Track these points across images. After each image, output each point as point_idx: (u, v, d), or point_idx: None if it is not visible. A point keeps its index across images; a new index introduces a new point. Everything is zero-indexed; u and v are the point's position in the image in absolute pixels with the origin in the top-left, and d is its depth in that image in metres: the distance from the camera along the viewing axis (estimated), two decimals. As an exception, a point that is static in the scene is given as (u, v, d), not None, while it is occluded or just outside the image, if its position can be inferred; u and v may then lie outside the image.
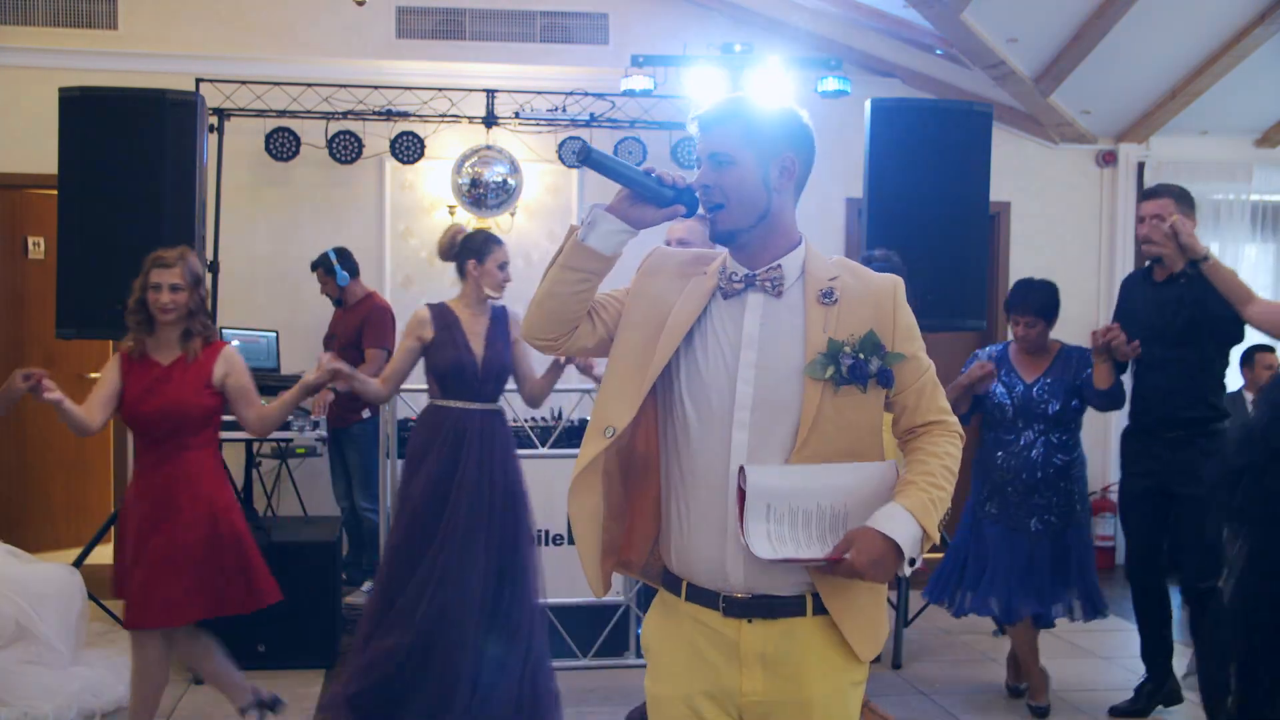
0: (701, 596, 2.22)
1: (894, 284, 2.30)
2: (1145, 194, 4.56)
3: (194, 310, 4.18)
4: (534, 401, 4.82)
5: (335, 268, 6.66)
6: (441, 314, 4.63)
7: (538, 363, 4.66)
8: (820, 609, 2.19)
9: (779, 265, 2.25)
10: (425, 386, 4.71)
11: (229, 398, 4.24)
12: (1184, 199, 4.74)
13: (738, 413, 2.18)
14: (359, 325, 6.57)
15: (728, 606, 2.19)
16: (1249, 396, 7.04)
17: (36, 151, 6.06)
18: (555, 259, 2.26)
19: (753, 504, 2.11)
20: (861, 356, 2.16)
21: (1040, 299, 5.08)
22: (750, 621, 2.18)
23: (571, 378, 4.88)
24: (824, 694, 2.22)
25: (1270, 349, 7.04)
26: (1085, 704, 5.29)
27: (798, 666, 2.20)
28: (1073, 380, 4.98)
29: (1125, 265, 8.32)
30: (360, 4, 4.23)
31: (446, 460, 4.48)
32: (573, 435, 5.66)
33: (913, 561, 2.11)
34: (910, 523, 2.10)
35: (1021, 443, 4.99)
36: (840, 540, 2.11)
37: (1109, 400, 4.88)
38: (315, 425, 6.36)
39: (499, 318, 4.70)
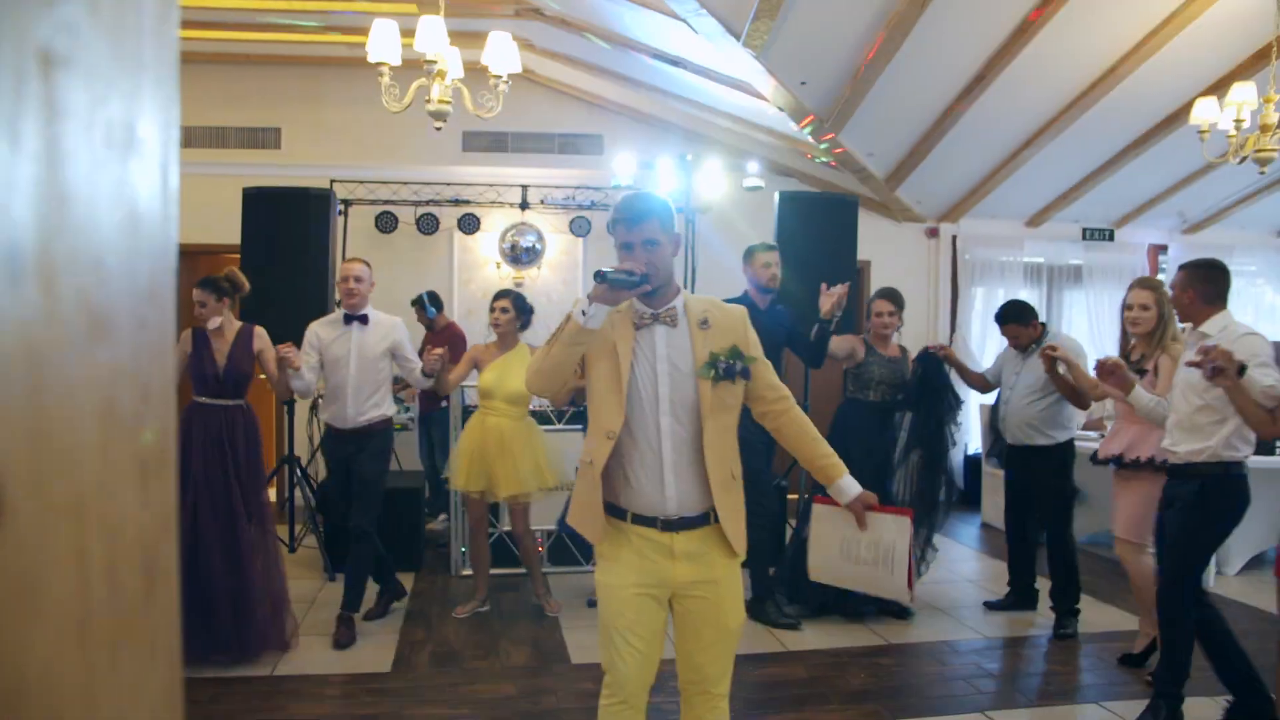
0: (644, 520, 2.27)
1: (742, 312, 2.38)
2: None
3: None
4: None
5: (426, 305, 6.73)
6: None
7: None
8: (716, 521, 2.28)
9: (674, 306, 2.31)
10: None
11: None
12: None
13: (662, 404, 2.26)
14: (445, 344, 6.58)
15: (664, 525, 2.26)
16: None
17: (225, 228, 6.12)
18: (556, 340, 2.22)
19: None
20: (730, 361, 2.27)
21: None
22: (678, 533, 2.27)
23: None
24: (724, 573, 2.31)
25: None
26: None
27: (708, 557, 2.28)
28: None
29: (944, 303, 8.47)
30: (439, 129, 4.31)
31: None
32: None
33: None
34: (854, 482, 2.47)
35: None
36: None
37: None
38: (407, 410, 6.46)
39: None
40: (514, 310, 4.62)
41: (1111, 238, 8.61)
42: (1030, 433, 4.67)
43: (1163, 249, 8.83)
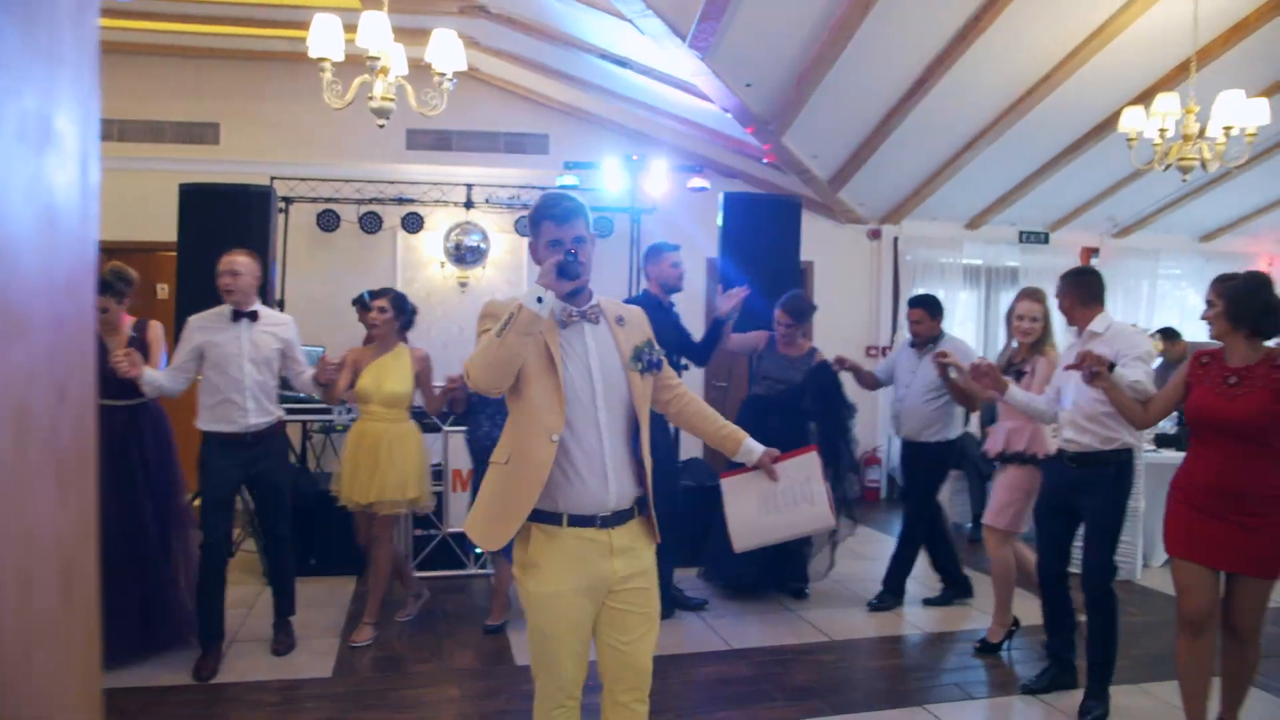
0: (581, 521, 2.25)
1: (642, 310, 2.49)
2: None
3: None
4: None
5: (367, 304, 6.62)
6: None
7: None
8: (641, 514, 2.35)
9: (597, 304, 2.35)
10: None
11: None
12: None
13: (599, 399, 2.28)
14: None
15: (603, 522, 2.27)
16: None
17: (162, 226, 5.95)
18: (507, 332, 2.12)
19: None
20: (650, 355, 2.36)
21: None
22: (614, 528, 2.28)
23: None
24: (650, 561, 2.37)
25: None
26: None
27: (637, 549, 2.33)
28: None
29: (886, 303, 8.60)
30: (381, 127, 4.26)
31: None
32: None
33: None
34: (755, 443, 2.59)
35: None
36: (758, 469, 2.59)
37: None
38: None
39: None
40: (393, 310, 4.43)
41: (1047, 240, 8.83)
42: (924, 430, 4.86)
43: (1094, 251, 9.07)
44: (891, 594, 5.05)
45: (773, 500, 2.56)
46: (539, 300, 2.12)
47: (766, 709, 3.66)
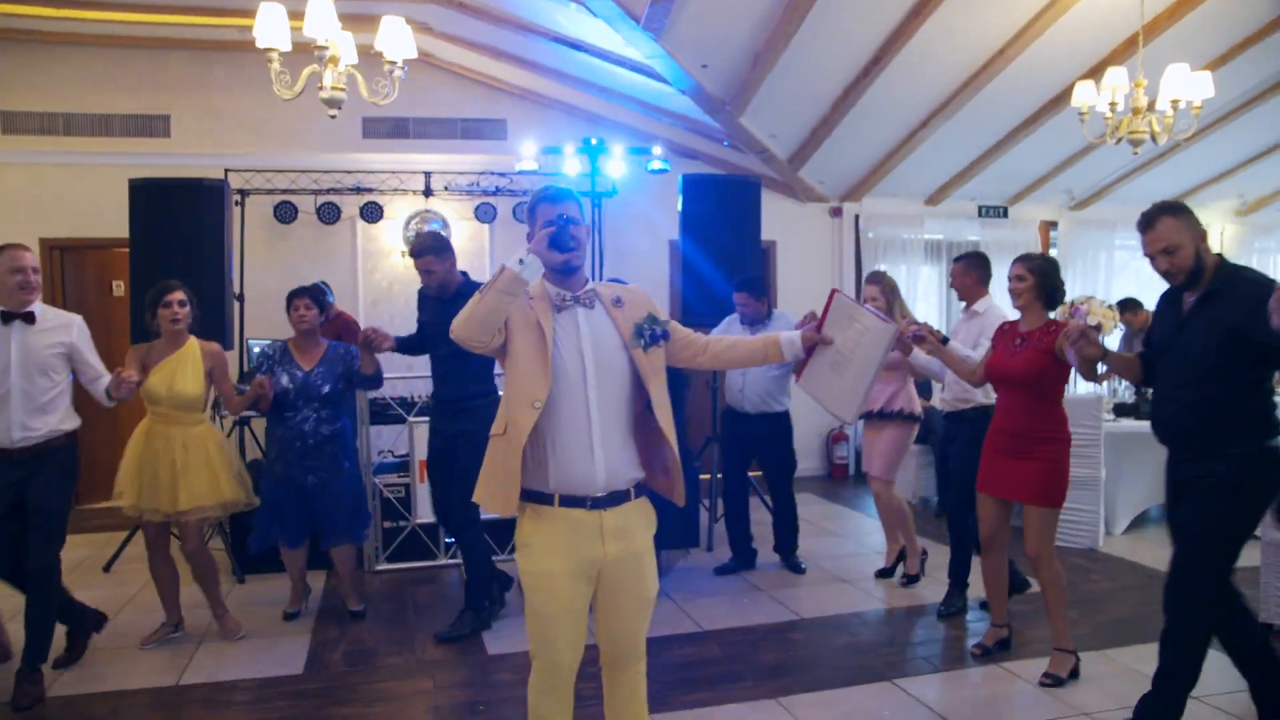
0: (572, 501, 2.31)
1: (641, 288, 2.54)
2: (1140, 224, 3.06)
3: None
4: None
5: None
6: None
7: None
8: (637, 495, 2.41)
9: (592, 289, 2.44)
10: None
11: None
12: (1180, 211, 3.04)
13: (589, 380, 2.33)
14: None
15: (593, 503, 2.32)
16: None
17: (115, 222, 5.81)
18: (489, 290, 2.19)
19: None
20: (652, 328, 2.41)
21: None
22: (606, 510, 2.33)
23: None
24: (644, 545, 2.43)
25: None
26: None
27: (631, 531, 2.39)
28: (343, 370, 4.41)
29: (849, 281, 8.65)
30: (333, 117, 4.20)
31: None
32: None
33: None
34: (792, 335, 2.64)
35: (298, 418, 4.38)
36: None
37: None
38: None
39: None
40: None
41: (1006, 214, 8.92)
42: (770, 401, 5.11)
43: (1053, 225, 9.19)
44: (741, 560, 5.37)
45: (840, 357, 2.60)
46: (521, 262, 2.19)
47: (738, 688, 3.70)
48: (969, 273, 4.41)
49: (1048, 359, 3.54)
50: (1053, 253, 9.24)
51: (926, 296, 8.76)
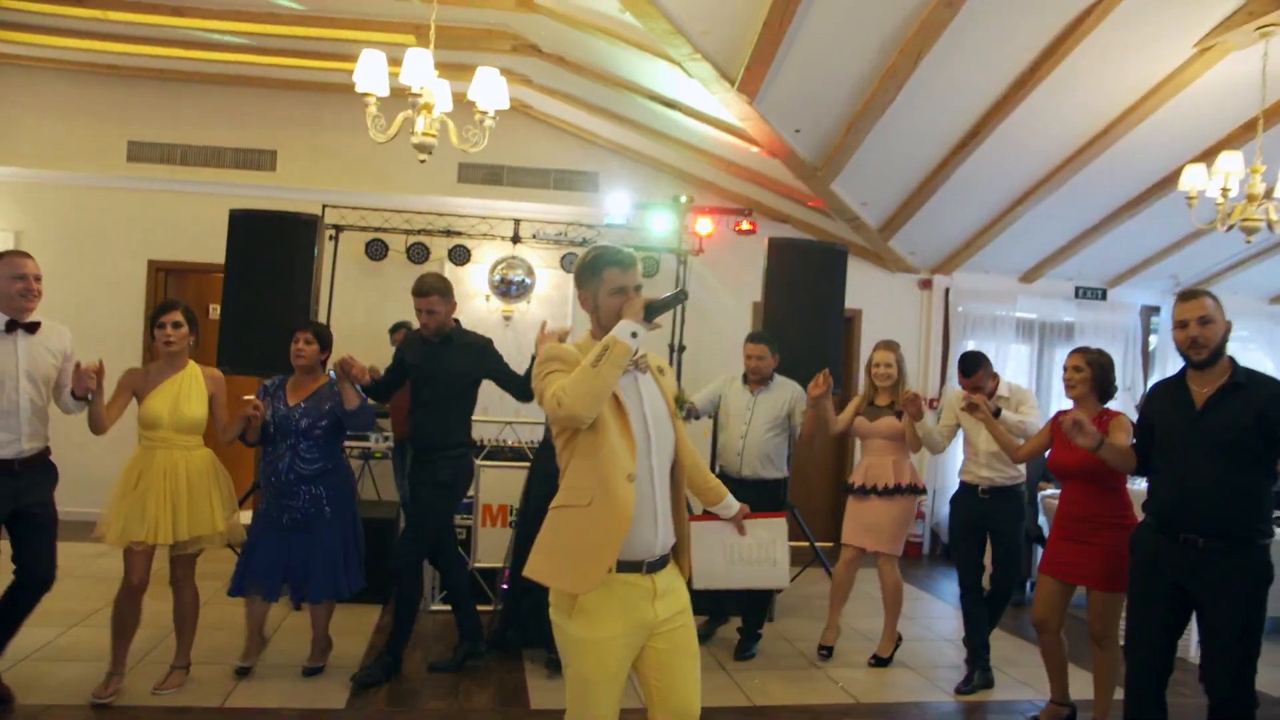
0: (629, 567, 2.30)
1: (667, 363, 2.64)
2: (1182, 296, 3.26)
3: None
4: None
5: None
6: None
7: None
8: (674, 555, 2.46)
9: (645, 356, 2.46)
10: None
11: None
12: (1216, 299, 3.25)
13: (653, 446, 2.38)
14: None
15: (648, 567, 2.33)
16: None
17: (215, 248, 6.01)
18: (604, 363, 2.18)
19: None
20: (686, 403, 2.47)
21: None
22: (657, 573, 2.36)
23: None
24: (686, 600, 2.45)
25: None
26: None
27: (676, 590, 2.42)
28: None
29: (935, 354, 8.44)
30: (423, 162, 4.29)
31: None
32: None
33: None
34: (734, 499, 2.80)
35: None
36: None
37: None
38: (386, 439, 6.38)
39: None
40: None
41: (1104, 297, 8.60)
42: (767, 465, 4.90)
43: (1155, 310, 8.83)
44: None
45: (739, 552, 2.77)
46: (633, 335, 2.23)
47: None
48: (990, 377, 4.69)
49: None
50: (1153, 339, 8.86)
51: (1016, 375, 8.46)
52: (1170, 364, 8.85)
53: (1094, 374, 3.84)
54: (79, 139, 7.52)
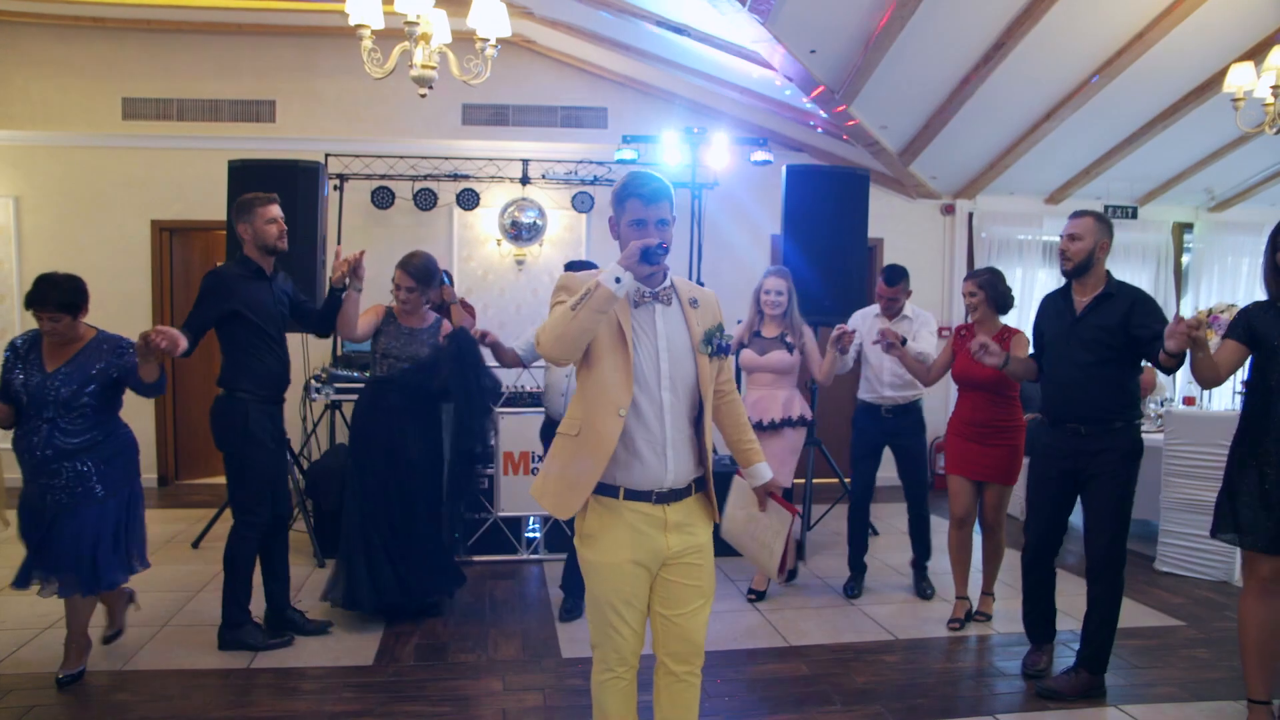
0: (638, 495, 2.32)
1: (714, 294, 2.51)
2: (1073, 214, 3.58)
3: None
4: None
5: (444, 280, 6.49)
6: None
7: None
8: (699, 490, 2.42)
9: (671, 285, 2.39)
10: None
11: None
12: (1102, 220, 3.54)
13: (664, 380, 2.32)
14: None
15: (658, 498, 2.33)
16: None
17: (219, 204, 5.83)
18: (582, 307, 2.17)
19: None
20: (721, 339, 2.38)
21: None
22: (670, 504, 2.35)
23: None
24: (705, 539, 2.43)
25: None
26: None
27: (693, 526, 2.40)
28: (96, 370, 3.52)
29: (959, 281, 8.21)
30: (423, 96, 4.09)
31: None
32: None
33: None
34: (768, 468, 2.65)
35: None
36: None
37: None
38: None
39: None
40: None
41: (1135, 215, 8.30)
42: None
43: (1188, 227, 8.55)
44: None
45: (756, 527, 2.71)
46: (617, 281, 2.18)
47: (824, 713, 3.44)
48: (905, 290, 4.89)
49: None
50: (1185, 258, 8.58)
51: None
52: (1204, 282, 8.60)
53: (988, 294, 4.24)
54: (71, 98, 7.33)
